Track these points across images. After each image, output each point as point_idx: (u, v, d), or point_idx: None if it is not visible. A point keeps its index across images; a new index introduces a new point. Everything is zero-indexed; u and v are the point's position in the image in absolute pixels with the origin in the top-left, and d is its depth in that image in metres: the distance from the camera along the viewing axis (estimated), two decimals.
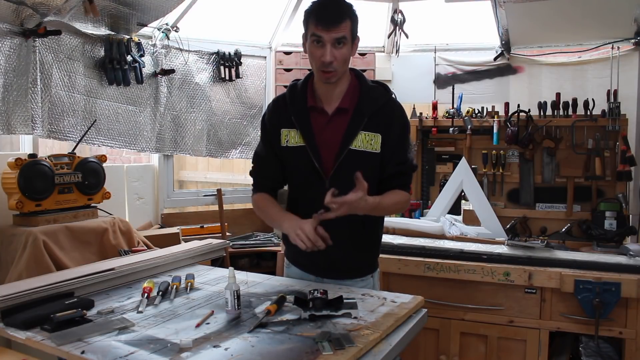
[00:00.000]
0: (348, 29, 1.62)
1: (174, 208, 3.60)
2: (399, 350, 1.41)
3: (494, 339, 2.48)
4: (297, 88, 1.78)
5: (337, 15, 1.60)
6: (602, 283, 2.26)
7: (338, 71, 1.65)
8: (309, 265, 1.86)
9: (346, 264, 1.81)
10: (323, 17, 1.60)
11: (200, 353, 1.25)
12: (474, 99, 3.51)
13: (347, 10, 1.64)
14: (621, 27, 3.04)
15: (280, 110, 1.79)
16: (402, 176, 1.79)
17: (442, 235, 2.92)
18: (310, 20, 1.63)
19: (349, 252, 1.78)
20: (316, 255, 1.67)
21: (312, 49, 1.65)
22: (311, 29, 1.62)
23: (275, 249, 3.44)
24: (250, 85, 3.74)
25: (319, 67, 1.65)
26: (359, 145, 1.70)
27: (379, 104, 1.73)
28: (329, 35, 1.59)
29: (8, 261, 2.26)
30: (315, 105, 1.74)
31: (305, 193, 1.79)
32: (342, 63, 1.65)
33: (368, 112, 1.71)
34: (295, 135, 1.74)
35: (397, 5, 3.56)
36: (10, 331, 1.42)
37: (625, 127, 3.00)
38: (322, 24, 1.59)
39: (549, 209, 3.18)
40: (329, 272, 1.82)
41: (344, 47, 1.62)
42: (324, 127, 1.73)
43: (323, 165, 1.71)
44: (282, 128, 1.77)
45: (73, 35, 2.80)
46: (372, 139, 1.71)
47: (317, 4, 1.65)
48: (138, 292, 1.73)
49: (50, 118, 2.72)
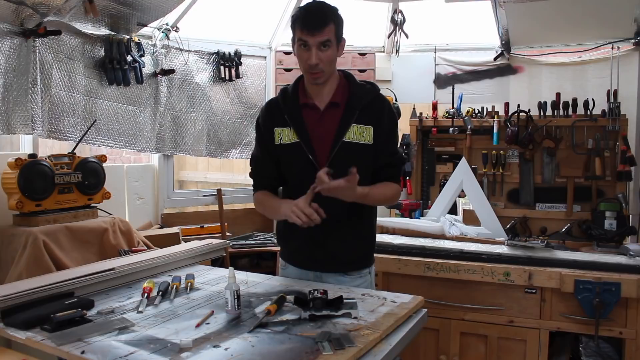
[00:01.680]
0: (332, 32, 1.70)
1: (174, 208, 3.60)
2: (399, 350, 1.41)
3: (494, 339, 2.48)
4: (289, 89, 1.86)
5: (321, 20, 1.68)
6: (602, 283, 2.26)
7: (325, 72, 1.73)
8: (307, 260, 1.87)
9: (345, 255, 1.84)
10: (308, 23, 1.69)
11: (200, 353, 1.26)
12: (474, 99, 3.51)
13: (331, 14, 1.71)
14: (621, 27, 3.04)
15: (273, 111, 1.85)
16: (392, 168, 1.86)
17: (442, 235, 2.92)
18: (296, 26, 1.72)
19: (347, 242, 1.82)
20: (314, 250, 1.74)
21: (299, 52, 1.74)
22: (297, 33, 1.71)
23: (275, 249, 3.44)
24: (250, 85, 3.74)
25: (307, 69, 1.74)
26: (352, 137, 1.76)
27: (369, 98, 1.80)
28: (313, 39, 1.68)
29: (8, 261, 2.26)
30: (307, 102, 1.81)
31: (301, 188, 1.79)
32: (328, 64, 1.73)
33: (359, 106, 1.78)
34: (289, 133, 1.80)
35: (397, 5, 3.56)
36: (10, 331, 1.42)
37: (625, 127, 3.00)
38: (307, 29, 1.68)
39: (549, 209, 3.18)
40: (328, 265, 1.84)
41: (329, 49, 1.71)
42: (317, 122, 1.79)
43: (317, 159, 1.76)
44: (275, 127, 1.83)
45: (73, 35, 2.81)
46: (364, 131, 1.77)
47: (303, 10, 1.73)
48: (138, 292, 1.73)
49: (50, 118, 2.72)
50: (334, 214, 1.73)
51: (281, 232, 1.94)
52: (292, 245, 1.91)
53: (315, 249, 1.81)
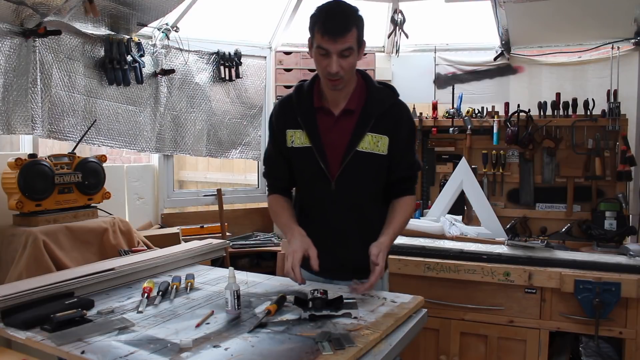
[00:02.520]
0: (354, 38, 1.58)
1: (174, 208, 3.60)
2: (399, 350, 1.41)
3: (494, 339, 2.48)
4: (304, 89, 1.77)
5: (343, 26, 1.56)
6: (602, 283, 2.26)
7: (345, 79, 1.64)
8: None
9: (354, 264, 1.78)
10: (329, 29, 1.56)
11: (200, 353, 1.25)
12: (474, 99, 3.51)
13: (353, 17, 1.60)
14: (621, 27, 3.04)
15: (286, 110, 1.78)
16: (409, 181, 1.80)
17: (442, 235, 2.92)
18: (316, 30, 1.59)
19: (357, 251, 1.76)
20: (324, 258, 1.67)
21: (317, 58, 1.62)
22: (317, 39, 1.58)
23: (275, 249, 3.44)
24: (250, 85, 3.74)
25: (325, 75, 1.64)
26: (366, 146, 1.69)
27: (386, 106, 1.72)
28: (335, 46, 1.56)
29: (8, 261, 2.26)
30: (322, 106, 1.73)
31: (311, 194, 1.79)
32: (349, 71, 1.63)
33: (375, 114, 1.70)
34: (301, 136, 1.73)
35: (397, 5, 3.56)
36: (10, 331, 1.42)
37: (625, 127, 3.00)
38: (328, 36, 1.55)
39: (549, 209, 3.18)
40: (338, 273, 1.81)
41: (351, 56, 1.60)
42: (330, 128, 1.72)
43: (329, 167, 1.70)
44: (287, 129, 1.76)
45: (73, 35, 2.81)
46: (378, 140, 1.70)
47: (323, 12, 1.60)
48: (138, 292, 1.73)
49: (50, 118, 2.72)
50: (343, 224, 1.72)
51: None
52: None
53: (325, 257, 1.74)
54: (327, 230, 1.75)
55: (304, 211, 1.81)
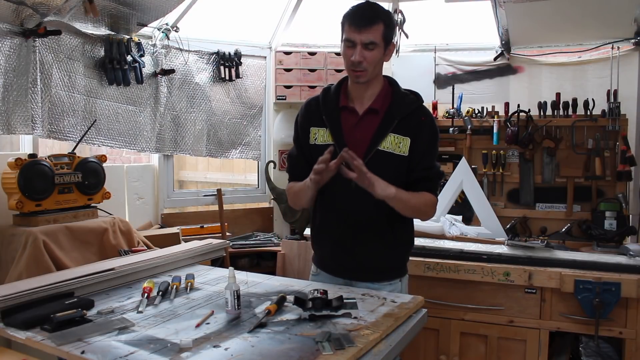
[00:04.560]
0: (379, 33, 1.66)
1: (174, 208, 3.60)
2: (399, 351, 1.41)
3: (494, 339, 2.48)
4: (331, 89, 1.84)
5: (369, 19, 1.65)
6: (602, 283, 2.26)
7: (368, 71, 1.69)
8: (337, 267, 1.86)
9: (373, 263, 1.80)
10: (355, 20, 1.66)
11: (200, 353, 1.26)
12: (474, 99, 3.51)
13: (380, 13, 1.68)
14: (621, 27, 3.04)
15: (311, 110, 1.83)
16: (428, 181, 1.78)
17: (442, 235, 2.92)
18: (345, 24, 1.69)
19: (377, 252, 1.78)
20: (343, 257, 1.71)
21: (344, 51, 1.71)
22: (345, 32, 1.68)
23: (275, 249, 3.45)
24: (250, 85, 3.74)
25: (349, 66, 1.70)
26: (388, 146, 1.72)
27: (411, 109, 1.76)
28: (359, 36, 1.64)
29: (8, 261, 2.26)
30: (347, 105, 1.78)
31: (331, 192, 1.79)
32: (372, 65, 1.68)
33: (399, 116, 1.73)
34: (325, 134, 1.78)
35: (397, 5, 3.55)
36: (10, 331, 1.42)
37: (625, 127, 3.00)
38: (354, 26, 1.65)
39: (549, 209, 3.18)
40: (357, 273, 1.82)
41: (375, 50, 1.67)
42: (353, 127, 1.76)
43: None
44: (312, 127, 1.81)
45: (73, 35, 2.80)
46: (400, 141, 1.73)
47: (354, 7, 1.70)
48: (138, 292, 1.73)
49: (50, 118, 2.72)
50: (362, 223, 1.72)
51: (314, 237, 1.91)
52: (323, 252, 1.89)
53: (344, 256, 1.78)
54: (346, 229, 1.77)
55: (324, 209, 1.83)
